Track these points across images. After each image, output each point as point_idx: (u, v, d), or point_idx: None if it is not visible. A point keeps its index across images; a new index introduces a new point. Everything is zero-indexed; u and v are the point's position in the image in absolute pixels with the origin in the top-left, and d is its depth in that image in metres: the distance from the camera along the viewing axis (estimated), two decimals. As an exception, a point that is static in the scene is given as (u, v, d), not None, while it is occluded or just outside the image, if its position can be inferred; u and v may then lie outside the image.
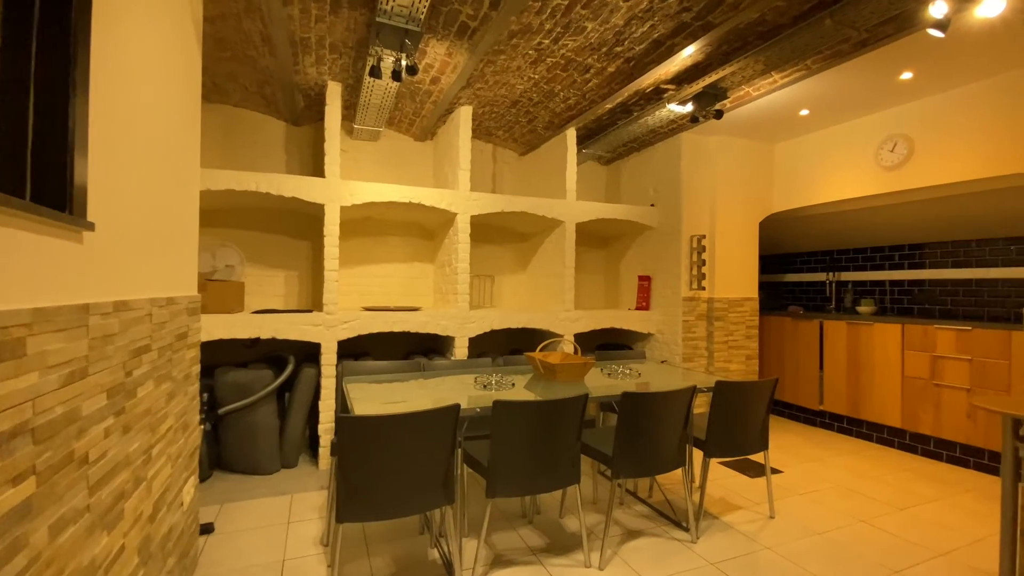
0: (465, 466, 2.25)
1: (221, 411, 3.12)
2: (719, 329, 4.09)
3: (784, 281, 5.48)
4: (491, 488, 1.94)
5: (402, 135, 4.35)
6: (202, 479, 3.03)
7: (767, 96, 3.30)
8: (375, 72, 2.66)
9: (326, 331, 3.24)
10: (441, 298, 3.96)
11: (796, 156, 4.21)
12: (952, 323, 3.48)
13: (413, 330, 3.44)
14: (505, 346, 4.56)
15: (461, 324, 3.55)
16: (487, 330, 3.64)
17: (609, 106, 3.53)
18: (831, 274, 4.91)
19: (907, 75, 2.93)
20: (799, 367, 4.57)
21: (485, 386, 2.37)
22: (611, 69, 3.02)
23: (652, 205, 4.34)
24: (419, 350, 4.13)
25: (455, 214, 3.61)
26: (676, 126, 3.88)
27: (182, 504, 1.85)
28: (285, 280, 3.95)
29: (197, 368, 2.06)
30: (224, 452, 3.20)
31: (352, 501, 1.71)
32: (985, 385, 3.31)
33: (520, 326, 3.76)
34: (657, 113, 3.48)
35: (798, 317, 4.57)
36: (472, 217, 3.75)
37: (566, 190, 3.97)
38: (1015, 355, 3.17)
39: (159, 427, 1.57)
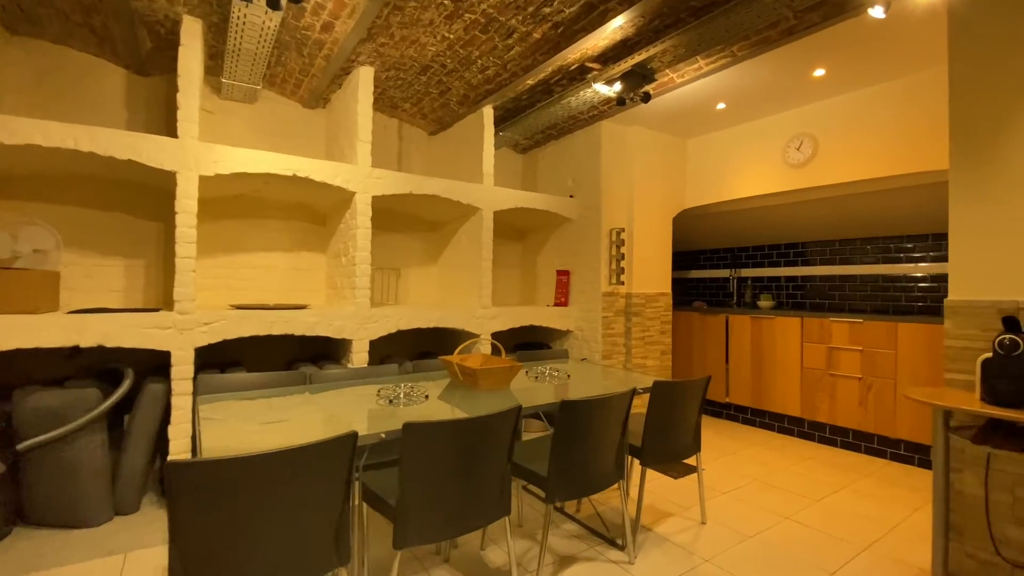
0: (364, 504, 1.77)
1: (20, 447, 2.29)
2: (636, 325, 3.98)
3: (689, 277, 5.62)
4: (400, 537, 1.49)
5: (287, 99, 3.66)
6: (-17, 545, 2.18)
7: (689, 85, 3.20)
8: (244, -2, 2.06)
9: (178, 336, 2.53)
10: (336, 294, 3.37)
11: (708, 152, 4.24)
12: (846, 316, 3.68)
13: (299, 333, 2.83)
14: (414, 349, 4.06)
15: (360, 324, 3.01)
16: (392, 331, 3.13)
17: (531, 82, 3.21)
18: (734, 271, 5.10)
19: (820, 72, 2.97)
20: (707, 361, 4.66)
21: (391, 400, 1.90)
22: (536, 35, 2.69)
23: (571, 196, 4.12)
24: (308, 357, 3.49)
25: (353, 193, 3.05)
26: (597, 112, 3.69)
27: None
28: (126, 271, 3.09)
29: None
30: (29, 500, 2.36)
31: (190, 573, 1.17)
32: (875, 374, 3.52)
33: (431, 325, 3.30)
34: (581, 94, 3.23)
35: (705, 312, 4.66)
36: (374, 199, 3.21)
37: (483, 174, 3.59)
38: (901, 345, 3.40)
39: None
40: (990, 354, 1.78)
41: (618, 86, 2.88)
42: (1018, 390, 1.66)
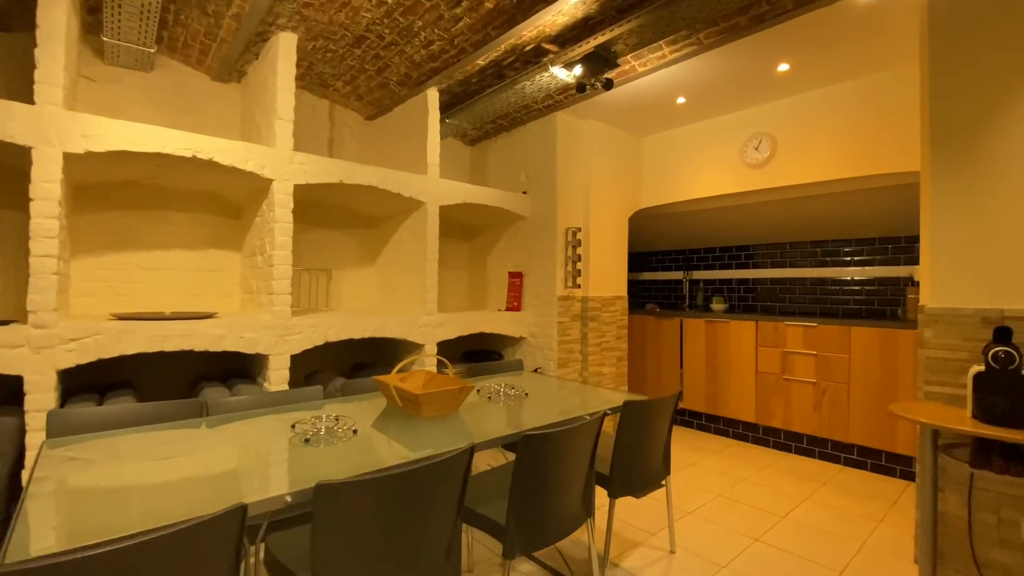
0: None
1: None
2: (593, 331, 3.74)
3: (641, 279, 5.49)
4: (313, 633, 1.11)
5: (192, 70, 3.10)
6: None
7: (650, 77, 2.99)
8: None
9: (33, 356, 1.98)
10: (251, 299, 2.87)
11: (665, 150, 4.09)
12: (800, 319, 3.63)
13: (201, 348, 2.33)
14: (348, 360, 3.60)
15: (279, 337, 2.54)
16: (319, 343, 2.69)
17: (481, 62, 2.87)
18: (687, 273, 5.01)
19: (784, 66, 2.85)
20: (660, 366, 4.53)
21: (308, 439, 1.51)
22: (488, 4, 2.35)
23: (524, 192, 3.82)
24: (218, 374, 2.96)
25: (270, 181, 2.57)
26: (553, 102, 3.41)
27: None
28: (-29, 272, 2.45)
29: None
30: None
31: None
32: (829, 378, 3.48)
33: (368, 335, 2.89)
34: (537, 79, 2.94)
35: (659, 315, 4.52)
36: (299, 190, 2.75)
37: (427, 164, 3.21)
38: (854, 349, 3.37)
39: None
40: (981, 367, 1.66)
41: (579, 69, 2.60)
42: (1015, 408, 1.53)
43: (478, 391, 2.24)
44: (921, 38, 2.16)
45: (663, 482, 2.20)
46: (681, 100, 3.35)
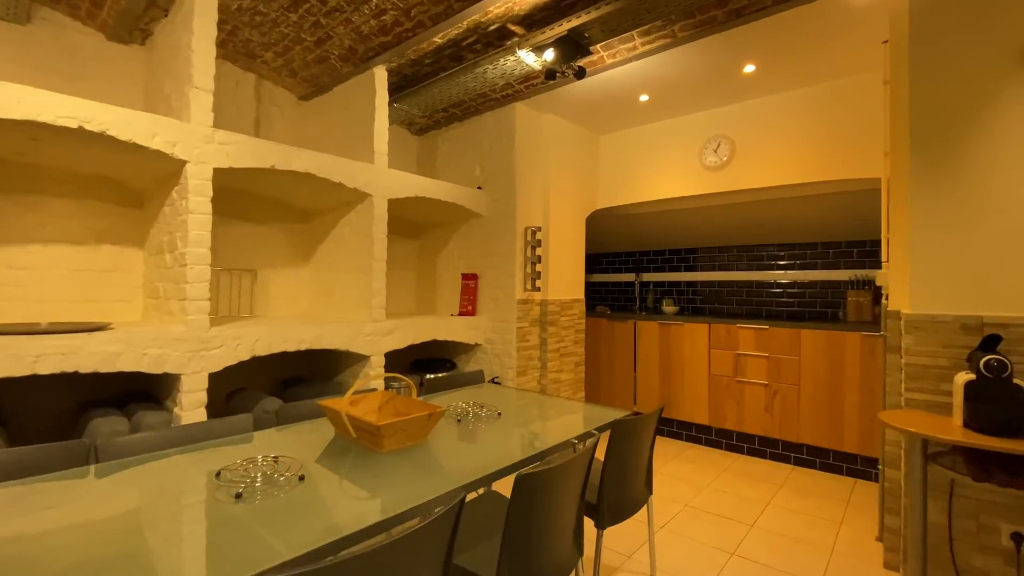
0: None
1: None
2: (552, 336, 3.56)
3: (592, 281, 5.41)
4: None
5: (81, 25, 2.54)
6: None
7: (617, 70, 2.85)
8: None
9: None
10: (158, 306, 2.38)
11: (623, 149, 3.99)
12: (752, 322, 3.67)
13: (88, 369, 1.85)
14: (277, 374, 3.15)
15: (194, 352, 2.10)
16: (246, 357, 2.27)
17: (439, 40, 2.58)
18: (638, 275, 4.98)
19: (750, 68, 2.81)
20: (614, 370, 4.44)
21: (239, 494, 1.16)
22: (454, -29, 2.08)
23: (480, 188, 3.55)
24: (111, 398, 2.43)
25: (183, 163, 2.12)
26: (512, 91, 3.18)
27: None
28: None
29: None
30: None
31: None
32: (780, 380, 3.54)
33: (305, 347, 2.50)
34: (501, 63, 2.69)
35: (612, 318, 4.44)
36: (219, 174, 2.30)
37: (375, 153, 2.85)
38: (804, 351, 3.44)
39: None
40: (967, 375, 1.63)
41: (550, 54, 2.39)
42: (1011, 417, 1.50)
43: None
44: (895, 46, 2.16)
45: (646, 503, 2.04)
46: (644, 98, 3.24)
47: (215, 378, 2.25)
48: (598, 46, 2.57)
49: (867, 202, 3.27)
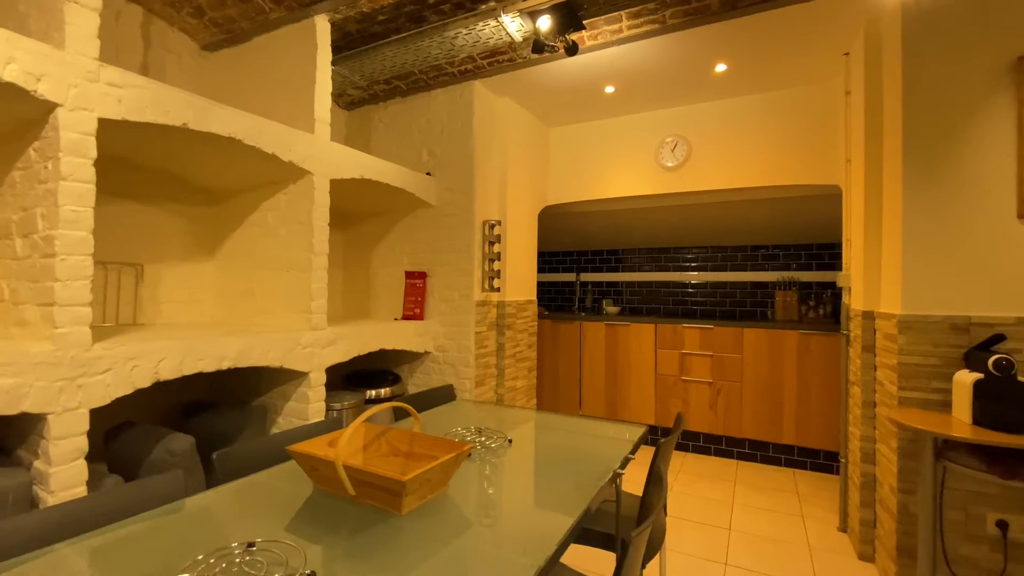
0: None
1: None
2: (509, 340, 3.27)
3: (526, 281, 5.21)
4: None
5: None
6: None
7: (586, 56, 2.65)
8: None
9: None
10: (6, 315, 1.64)
11: (576, 144, 3.82)
12: (697, 322, 3.73)
13: None
14: (173, 399, 2.44)
15: (69, 380, 1.45)
16: (146, 384, 1.64)
17: (405, -9, 2.15)
18: (577, 275, 4.88)
19: (722, 67, 2.78)
20: (559, 372, 4.29)
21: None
22: (449, -101, 1.69)
23: (428, 174, 3.13)
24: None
25: (53, 106, 1.45)
26: (473, 66, 2.82)
27: None
28: None
29: None
30: None
31: None
32: (724, 378, 3.64)
33: (228, 365, 1.91)
34: (477, 28, 2.33)
35: (556, 319, 4.28)
36: (105, 128, 1.64)
37: (315, 121, 2.32)
38: (746, 349, 3.58)
39: None
40: (977, 375, 1.69)
41: (545, 22, 2.09)
42: (1022, 414, 1.56)
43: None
44: (858, 58, 2.23)
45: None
46: (610, 89, 3.09)
47: (99, 419, 1.60)
48: (586, 23, 2.34)
49: (803, 207, 3.49)
